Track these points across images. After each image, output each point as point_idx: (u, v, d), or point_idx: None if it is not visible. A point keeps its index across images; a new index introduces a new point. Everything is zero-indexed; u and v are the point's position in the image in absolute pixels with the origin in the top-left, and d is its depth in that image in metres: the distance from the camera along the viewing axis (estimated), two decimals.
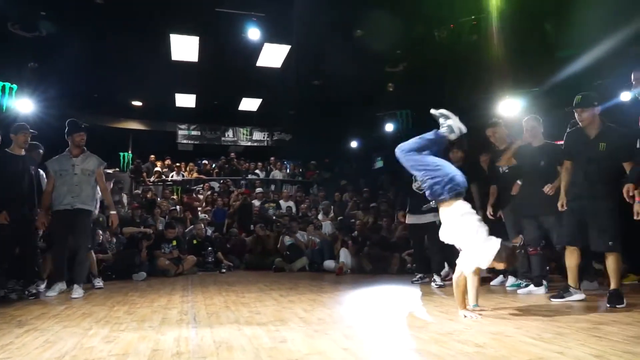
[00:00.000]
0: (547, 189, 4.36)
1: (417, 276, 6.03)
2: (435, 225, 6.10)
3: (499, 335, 2.66)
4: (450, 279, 6.02)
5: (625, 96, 8.95)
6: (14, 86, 9.36)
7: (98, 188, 5.38)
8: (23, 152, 5.10)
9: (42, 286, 5.10)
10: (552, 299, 4.02)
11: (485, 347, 2.36)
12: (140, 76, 10.36)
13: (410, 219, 6.08)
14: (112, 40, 8.37)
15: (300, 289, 5.35)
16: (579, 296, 3.96)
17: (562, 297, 3.97)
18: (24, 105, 9.21)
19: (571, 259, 3.98)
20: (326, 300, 4.37)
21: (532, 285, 4.69)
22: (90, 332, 2.90)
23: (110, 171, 7.73)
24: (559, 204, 4.08)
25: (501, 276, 5.55)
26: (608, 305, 3.59)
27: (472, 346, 2.39)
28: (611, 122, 3.88)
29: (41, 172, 5.36)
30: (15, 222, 4.80)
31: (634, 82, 3.40)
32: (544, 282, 4.65)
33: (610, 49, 7.26)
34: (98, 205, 5.89)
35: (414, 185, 5.90)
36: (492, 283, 5.59)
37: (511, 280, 5.22)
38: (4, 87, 9.31)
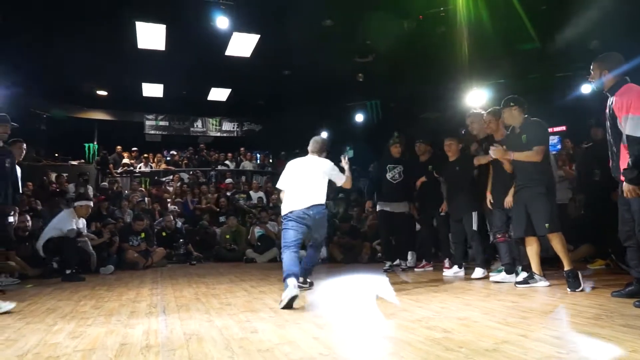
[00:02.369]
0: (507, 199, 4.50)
1: (387, 264, 6.11)
2: (406, 215, 6.36)
3: (466, 320, 2.73)
4: (420, 267, 6.24)
5: (586, 89, 9.29)
6: None
7: None
8: (0, 144, 4.85)
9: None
10: (517, 285, 4.16)
11: (453, 333, 2.42)
12: (105, 65, 10.07)
13: (382, 207, 6.24)
14: (75, 27, 8.09)
15: (271, 279, 5.35)
16: (544, 283, 4.10)
17: (527, 283, 4.12)
18: None
19: (530, 247, 4.15)
20: None
21: (503, 273, 4.77)
22: (55, 328, 2.83)
23: None
24: (507, 200, 4.41)
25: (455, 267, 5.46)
26: (569, 290, 3.72)
27: (440, 332, 2.45)
28: (572, 114, 4.07)
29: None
30: None
31: (592, 74, 3.48)
32: (518, 270, 4.59)
33: (570, 41, 7.49)
34: None
35: (388, 175, 6.20)
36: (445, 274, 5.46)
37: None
38: None
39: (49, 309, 3.59)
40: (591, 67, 3.48)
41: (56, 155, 13.12)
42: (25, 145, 5.42)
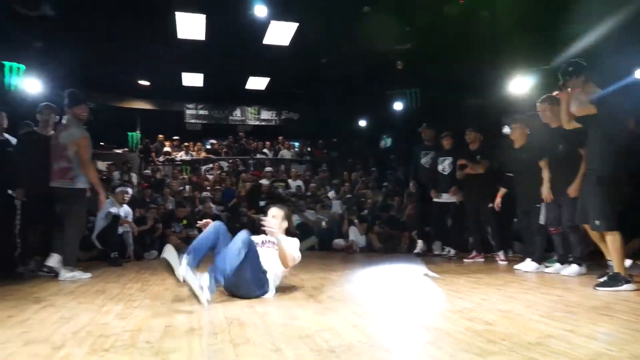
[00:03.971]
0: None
1: (418, 248, 6.72)
2: (456, 205, 6.46)
3: (508, 313, 2.67)
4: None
5: None
6: (22, 66, 9.37)
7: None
8: (50, 132, 5.08)
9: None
10: (597, 288, 3.53)
11: (495, 325, 2.38)
12: (147, 55, 10.31)
13: (436, 198, 6.67)
14: (118, 19, 8.31)
15: (310, 267, 5.39)
16: (629, 286, 3.44)
17: (611, 286, 3.47)
18: (32, 85, 9.21)
19: (610, 241, 3.61)
20: (336, 279, 4.41)
21: (558, 265, 4.66)
22: (104, 309, 2.95)
23: None
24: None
25: (529, 260, 5.09)
26: (597, 289, 3.50)
27: (482, 324, 2.41)
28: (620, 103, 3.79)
29: None
30: (41, 200, 4.83)
31: None
32: (574, 262, 4.43)
33: (620, 23, 7.09)
34: None
35: (440, 167, 6.64)
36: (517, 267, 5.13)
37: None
38: (11, 67, 9.32)
39: (98, 290, 3.75)
40: None
41: (101, 144, 13.61)
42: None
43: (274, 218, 3.56)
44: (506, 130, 6.11)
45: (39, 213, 4.90)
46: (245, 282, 3.19)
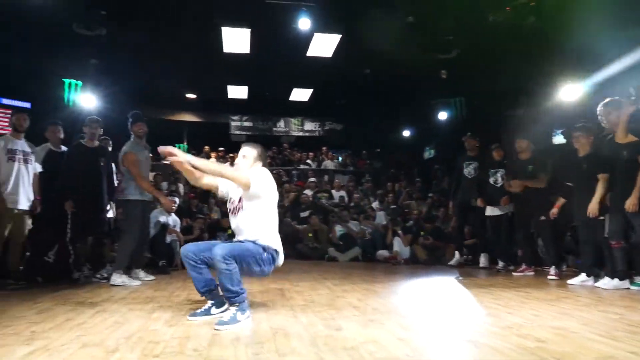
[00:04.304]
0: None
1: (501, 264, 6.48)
2: (507, 217, 6.33)
3: (562, 330, 2.55)
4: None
5: None
6: (79, 82, 9.90)
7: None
8: (96, 144, 5.38)
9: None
10: None
11: (548, 343, 2.28)
12: (194, 69, 10.65)
13: (490, 212, 6.52)
14: (167, 35, 8.63)
15: (354, 278, 5.36)
16: None
17: None
18: (88, 100, 9.70)
19: None
20: (380, 290, 4.36)
21: (616, 280, 4.43)
22: (154, 315, 3.04)
23: None
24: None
25: (583, 275, 4.86)
26: None
27: (533, 341, 2.31)
28: None
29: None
30: (91, 211, 5.08)
31: None
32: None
33: None
34: None
35: (491, 180, 6.51)
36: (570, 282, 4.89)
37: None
38: (70, 83, 9.86)
39: (148, 297, 3.86)
40: None
41: (150, 155, 14.09)
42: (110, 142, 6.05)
43: (245, 158, 3.16)
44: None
45: (86, 223, 5.16)
46: (259, 272, 3.00)
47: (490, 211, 6.54)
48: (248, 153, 3.18)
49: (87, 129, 5.31)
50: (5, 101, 9.73)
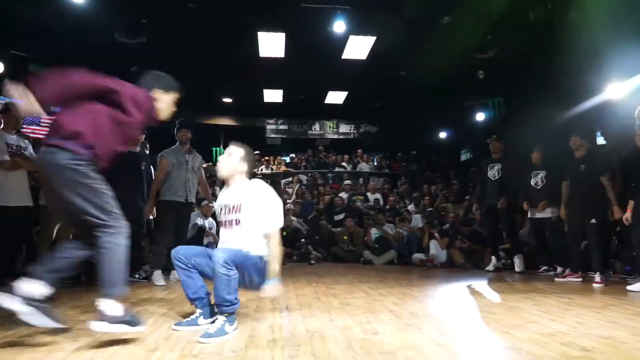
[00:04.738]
0: None
1: (542, 268, 6.55)
2: (552, 221, 6.25)
3: (610, 340, 2.45)
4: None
5: None
6: None
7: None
8: (138, 149, 5.58)
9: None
10: None
11: (594, 352, 2.19)
12: (231, 74, 10.83)
13: (531, 214, 6.54)
14: (205, 41, 8.81)
15: (389, 281, 5.32)
16: None
17: None
18: None
19: None
20: (416, 294, 4.31)
21: None
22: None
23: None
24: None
25: None
26: None
27: (578, 350, 2.23)
28: None
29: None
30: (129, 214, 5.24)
31: None
32: None
33: None
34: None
35: (532, 181, 6.47)
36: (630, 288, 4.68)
37: None
38: None
39: (185, 298, 3.93)
40: None
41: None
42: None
43: (230, 156, 3.02)
44: None
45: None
46: (258, 283, 2.82)
47: (532, 214, 6.48)
48: (234, 152, 3.03)
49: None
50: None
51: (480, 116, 11.73)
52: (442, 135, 14.25)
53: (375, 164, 14.24)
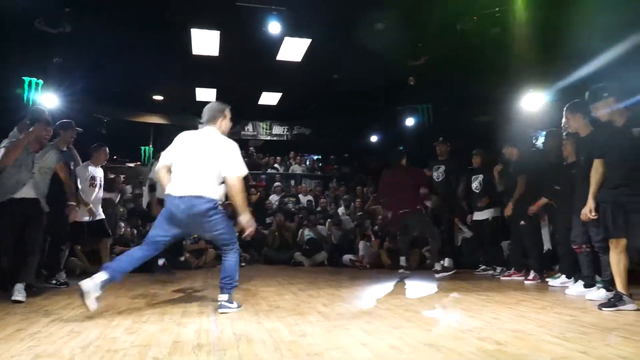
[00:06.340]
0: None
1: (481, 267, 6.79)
2: (489, 222, 6.48)
3: (520, 333, 2.63)
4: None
5: None
6: (40, 81, 9.57)
7: None
8: (65, 148, 5.21)
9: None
10: (601, 308, 3.48)
11: (506, 345, 2.34)
12: (161, 71, 10.46)
13: (474, 217, 6.75)
14: (134, 35, 8.45)
15: (319, 283, 5.37)
16: (631, 306, 3.42)
17: (615, 306, 3.45)
18: (49, 100, 9.39)
19: (615, 260, 3.53)
20: (345, 295, 4.38)
21: (563, 277, 4.56)
22: (113, 323, 2.96)
23: None
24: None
25: (563, 276, 5.05)
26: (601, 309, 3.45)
27: (493, 344, 2.37)
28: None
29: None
30: (54, 215, 4.87)
31: None
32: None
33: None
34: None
35: (473, 185, 6.69)
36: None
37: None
38: (30, 82, 9.52)
39: (108, 304, 3.74)
40: None
41: (115, 157, 13.76)
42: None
43: None
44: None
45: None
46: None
47: (473, 216, 6.78)
48: None
49: (69, 133, 5.21)
50: None
51: (410, 121, 12.13)
52: (374, 138, 14.58)
53: (308, 165, 14.33)
